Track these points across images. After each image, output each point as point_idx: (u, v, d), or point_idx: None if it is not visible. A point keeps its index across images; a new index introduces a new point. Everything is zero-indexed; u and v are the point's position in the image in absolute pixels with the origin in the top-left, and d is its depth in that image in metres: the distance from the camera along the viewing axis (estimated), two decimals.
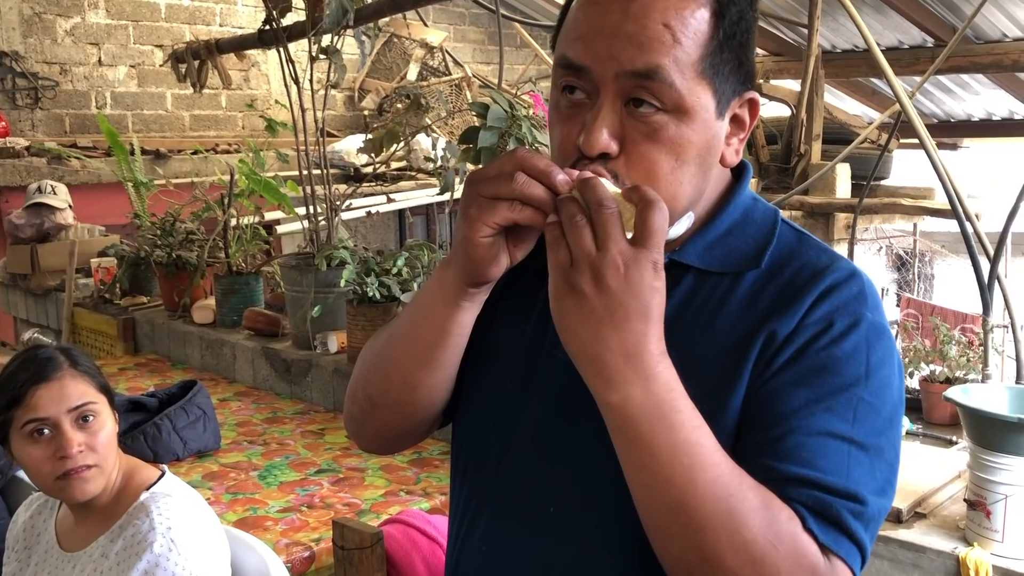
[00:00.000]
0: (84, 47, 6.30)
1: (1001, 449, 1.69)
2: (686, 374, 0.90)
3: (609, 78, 0.89)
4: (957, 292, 7.50)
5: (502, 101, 2.46)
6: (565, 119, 0.94)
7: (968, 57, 6.22)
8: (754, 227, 1.00)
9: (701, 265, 0.98)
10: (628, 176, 0.90)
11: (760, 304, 0.94)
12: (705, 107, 0.92)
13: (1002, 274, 2.62)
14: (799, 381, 0.89)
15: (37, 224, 4.56)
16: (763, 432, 0.88)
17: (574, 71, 0.92)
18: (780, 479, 0.85)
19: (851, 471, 0.86)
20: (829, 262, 0.96)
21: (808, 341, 0.90)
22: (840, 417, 0.88)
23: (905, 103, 2.75)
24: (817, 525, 0.84)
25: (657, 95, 0.89)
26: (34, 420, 1.46)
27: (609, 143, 0.89)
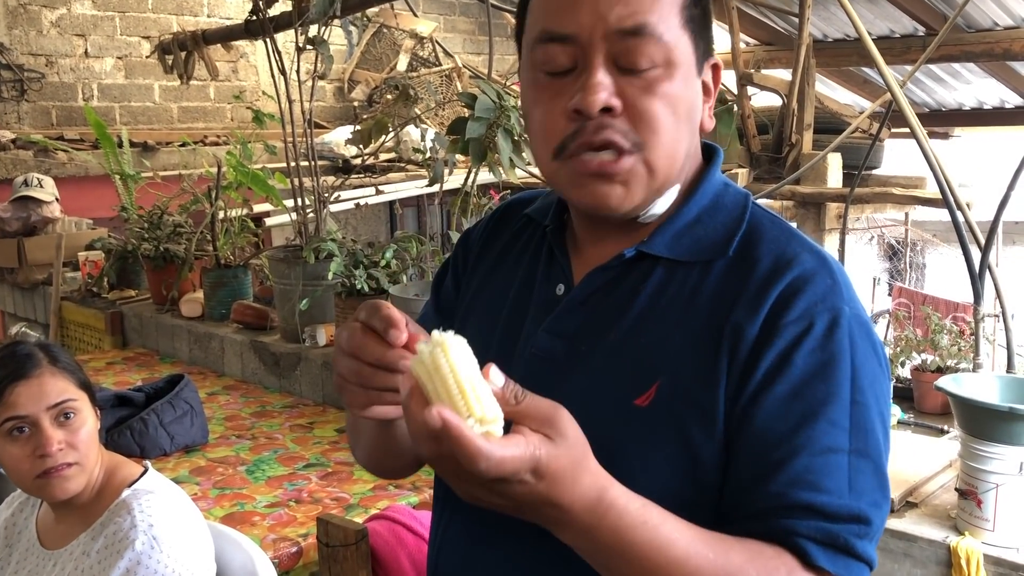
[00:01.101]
0: (70, 38, 6.24)
1: (992, 438, 1.68)
2: (662, 370, 0.90)
3: (598, 39, 0.89)
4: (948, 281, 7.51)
5: (490, 92, 2.43)
6: (549, 94, 0.93)
7: (959, 46, 6.21)
8: (723, 213, 0.98)
9: (670, 255, 0.96)
10: (634, 134, 0.90)
11: (728, 293, 0.92)
12: (689, 61, 0.93)
13: (993, 263, 2.61)
14: (791, 394, 0.87)
15: (24, 217, 4.52)
16: (765, 455, 0.86)
17: (559, 41, 0.91)
18: (787, 507, 0.84)
19: (854, 483, 0.86)
20: (797, 250, 0.93)
21: (791, 345, 0.88)
22: (839, 427, 0.86)
23: (896, 92, 2.74)
24: (826, 556, 0.84)
25: (648, 51, 0.89)
26: (13, 418, 1.44)
27: (611, 97, 0.89)
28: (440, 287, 1.19)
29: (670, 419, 0.89)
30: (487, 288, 1.10)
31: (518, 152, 2.43)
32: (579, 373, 0.95)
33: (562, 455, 0.76)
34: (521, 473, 0.74)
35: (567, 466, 0.76)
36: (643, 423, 0.90)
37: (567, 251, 1.04)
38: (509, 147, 2.39)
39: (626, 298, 0.96)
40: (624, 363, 0.93)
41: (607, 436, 0.91)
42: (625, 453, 0.90)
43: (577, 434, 0.78)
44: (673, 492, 0.88)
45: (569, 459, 0.76)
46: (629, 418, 0.91)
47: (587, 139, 0.90)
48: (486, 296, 1.10)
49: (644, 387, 0.91)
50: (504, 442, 0.73)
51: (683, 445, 0.89)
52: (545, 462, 0.75)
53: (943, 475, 1.97)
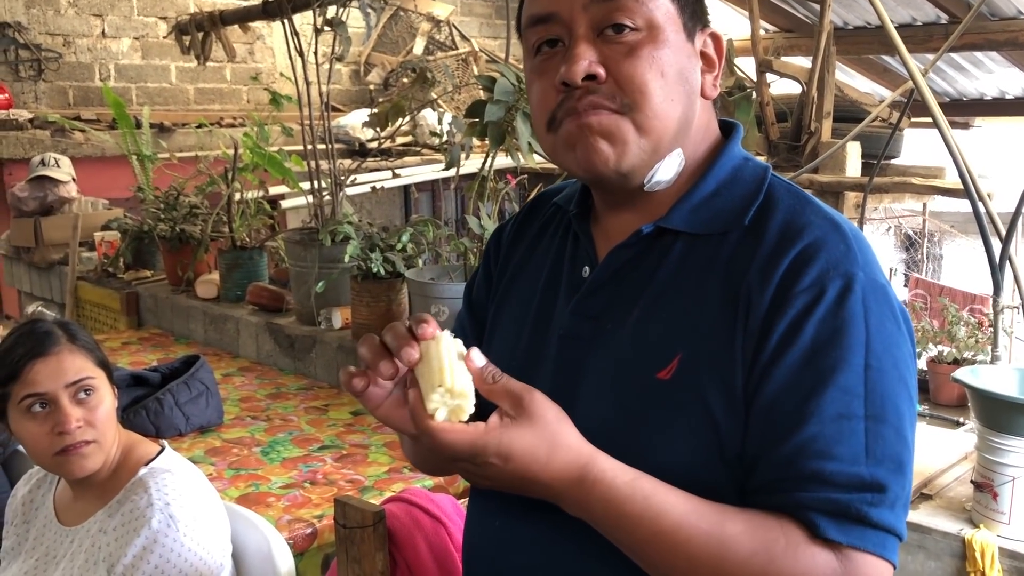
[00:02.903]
0: (87, 18, 6.25)
1: (1009, 431, 1.67)
2: (682, 343, 0.91)
3: (577, 11, 0.92)
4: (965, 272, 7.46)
5: (509, 75, 2.42)
6: (541, 72, 0.96)
7: (983, 34, 6.15)
8: (742, 185, 0.98)
9: (688, 229, 0.96)
10: (620, 96, 0.92)
11: (740, 263, 0.92)
12: (673, 24, 0.94)
13: (1014, 255, 2.58)
14: (802, 362, 0.86)
15: (40, 197, 4.54)
16: (775, 425, 0.86)
17: (543, 22, 0.94)
18: (795, 479, 0.84)
19: (871, 449, 0.84)
20: (811, 218, 0.93)
21: (802, 312, 0.87)
22: (852, 394, 0.85)
23: (919, 81, 2.71)
24: (836, 528, 0.83)
25: (628, 14, 0.91)
26: (32, 395, 1.45)
27: (592, 65, 0.91)
28: (472, 288, 1.21)
29: (692, 392, 0.89)
30: (519, 277, 1.12)
31: (537, 136, 2.42)
32: (604, 350, 0.96)
33: (527, 435, 0.81)
34: (482, 457, 0.81)
35: (536, 445, 0.81)
36: (666, 396, 0.90)
37: (591, 234, 1.05)
38: (528, 131, 2.38)
39: (647, 274, 0.97)
40: (646, 338, 0.94)
41: (632, 411, 0.92)
42: (649, 427, 0.91)
43: (549, 413, 0.83)
44: (698, 466, 0.89)
45: (537, 438, 0.81)
46: (652, 392, 0.91)
47: (572, 104, 0.93)
48: (519, 285, 1.11)
49: (665, 361, 0.91)
50: (458, 426, 0.81)
51: (706, 417, 0.89)
52: (507, 444, 0.81)
53: (958, 467, 1.96)
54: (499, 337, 1.11)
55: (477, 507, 1.08)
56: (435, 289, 2.62)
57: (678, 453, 0.89)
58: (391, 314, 2.85)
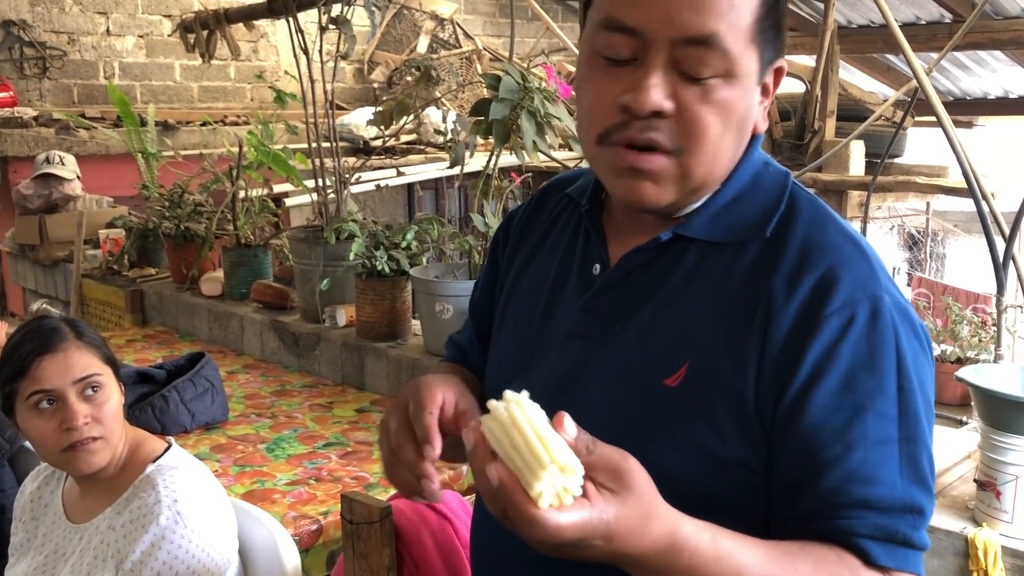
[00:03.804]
0: (92, 16, 6.27)
1: (1012, 430, 1.67)
2: (693, 350, 0.90)
3: (662, 40, 0.87)
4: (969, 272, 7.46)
5: (514, 73, 2.42)
6: (603, 76, 0.91)
7: (987, 33, 6.14)
8: (763, 193, 0.97)
9: (706, 237, 0.95)
10: (679, 138, 0.89)
11: (760, 275, 0.91)
12: (751, 73, 0.91)
13: (1017, 254, 2.58)
14: (841, 388, 0.86)
15: (45, 195, 4.55)
16: (819, 451, 0.86)
17: (623, 32, 0.88)
18: (844, 505, 0.85)
19: (904, 471, 0.87)
20: (833, 236, 0.92)
21: (836, 337, 0.87)
22: (888, 417, 0.87)
23: (923, 80, 2.71)
24: (887, 554, 0.85)
25: (710, 61, 0.87)
26: (39, 392, 1.45)
27: (663, 101, 0.87)
28: (475, 293, 1.21)
29: (699, 400, 0.89)
30: (529, 269, 1.11)
31: (542, 135, 2.42)
32: (611, 351, 0.96)
33: (631, 513, 0.76)
34: (588, 540, 0.74)
35: (636, 522, 0.76)
36: (673, 403, 0.90)
37: (603, 231, 1.04)
38: (533, 129, 2.38)
39: (660, 278, 0.96)
40: (654, 343, 0.94)
41: (636, 415, 0.92)
42: (653, 433, 0.91)
43: (645, 483, 0.78)
44: (697, 472, 0.89)
45: (638, 515, 0.76)
46: (658, 398, 0.91)
47: (630, 135, 0.89)
48: (528, 277, 1.10)
49: (674, 367, 0.91)
50: (566, 510, 0.73)
51: (711, 427, 0.89)
52: (614, 525, 0.75)
53: (962, 466, 1.96)
54: (507, 328, 1.10)
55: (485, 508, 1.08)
56: (439, 287, 2.62)
57: (679, 460, 0.89)
58: (395, 312, 2.86)
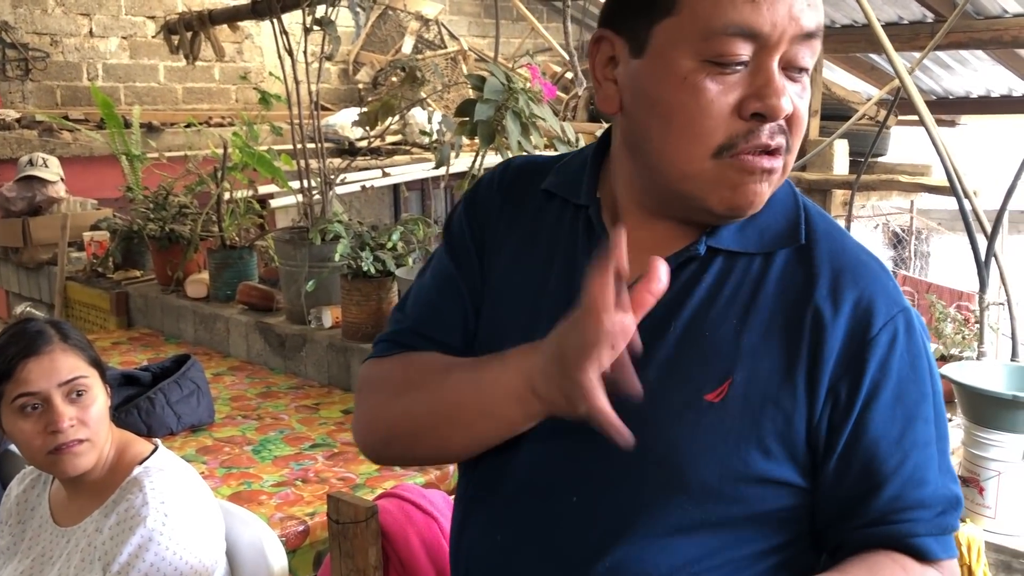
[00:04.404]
0: (75, 18, 6.23)
1: (995, 426, 1.69)
2: (736, 364, 0.90)
3: (785, 40, 0.86)
4: (953, 269, 7.51)
5: (499, 74, 2.43)
6: (712, 86, 0.87)
7: (968, 33, 6.19)
8: (778, 201, 0.97)
9: (737, 248, 0.94)
10: (787, 135, 0.90)
11: (796, 286, 0.92)
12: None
13: (999, 252, 2.61)
14: (894, 400, 0.90)
15: (28, 197, 4.52)
16: (882, 463, 0.90)
17: (746, 37, 0.85)
18: (903, 508, 0.89)
19: (942, 466, 0.92)
20: (853, 248, 0.96)
21: (886, 353, 0.90)
22: (929, 421, 0.92)
23: (905, 79, 2.73)
24: (940, 545, 0.90)
25: (814, 54, 0.89)
26: (25, 394, 1.45)
27: (789, 104, 0.88)
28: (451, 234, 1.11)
29: (745, 415, 0.89)
30: (517, 271, 1.04)
31: (527, 135, 2.43)
32: (639, 364, 0.90)
33: None
34: None
35: None
36: (716, 419, 0.89)
37: (608, 233, 0.98)
38: (518, 130, 2.39)
39: (686, 289, 0.94)
40: (691, 357, 0.91)
41: (671, 429, 0.90)
42: (694, 449, 0.89)
43: None
44: (741, 489, 0.90)
45: None
46: (700, 413, 0.89)
47: (763, 142, 0.87)
48: (518, 279, 1.04)
49: (716, 382, 0.89)
50: None
51: (757, 442, 0.89)
52: None
53: None
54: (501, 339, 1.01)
55: (478, 520, 1.03)
56: None
57: (722, 476, 0.89)
58: (381, 313, 2.86)
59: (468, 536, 1.04)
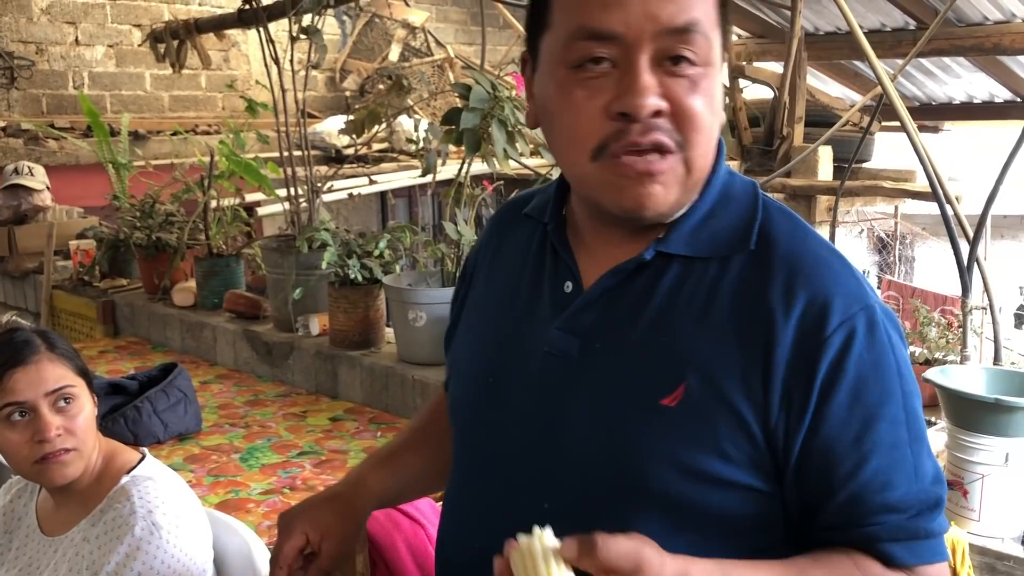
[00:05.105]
0: (61, 26, 6.21)
1: (978, 429, 1.70)
2: (689, 368, 0.89)
3: (646, 38, 0.86)
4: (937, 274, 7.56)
5: (485, 82, 2.44)
6: (583, 92, 0.88)
7: (950, 40, 6.23)
8: (736, 204, 0.97)
9: (689, 253, 0.94)
10: (677, 133, 0.88)
11: (751, 290, 0.91)
12: (720, 58, 0.92)
13: (981, 257, 2.63)
14: (850, 401, 0.87)
15: (14, 206, 4.51)
16: (837, 465, 0.88)
17: (599, 39, 0.87)
18: (865, 513, 0.87)
19: (918, 469, 0.89)
20: (815, 248, 0.93)
21: (840, 352, 0.87)
22: (898, 423, 0.89)
23: (887, 86, 2.75)
24: (908, 552, 0.87)
25: (694, 48, 0.87)
26: (11, 404, 1.44)
27: (658, 101, 0.87)
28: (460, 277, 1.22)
29: (700, 419, 0.88)
30: (489, 289, 1.10)
31: (512, 143, 2.44)
32: (595, 371, 0.94)
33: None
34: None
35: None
36: (671, 423, 0.89)
37: (570, 247, 1.01)
38: (503, 138, 2.40)
39: (642, 296, 0.94)
40: (646, 362, 0.92)
41: (628, 435, 0.91)
42: (651, 454, 0.90)
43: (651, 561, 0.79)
44: (702, 493, 0.89)
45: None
46: (654, 418, 0.89)
47: (633, 140, 0.87)
48: (489, 296, 1.09)
49: (670, 387, 0.89)
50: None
51: (713, 446, 0.88)
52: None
53: None
54: (467, 353, 1.09)
55: (457, 528, 1.06)
56: (412, 295, 2.63)
57: (681, 481, 0.89)
58: (368, 320, 2.86)
59: (448, 545, 1.07)
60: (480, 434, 1.04)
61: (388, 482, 1.19)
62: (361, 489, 1.17)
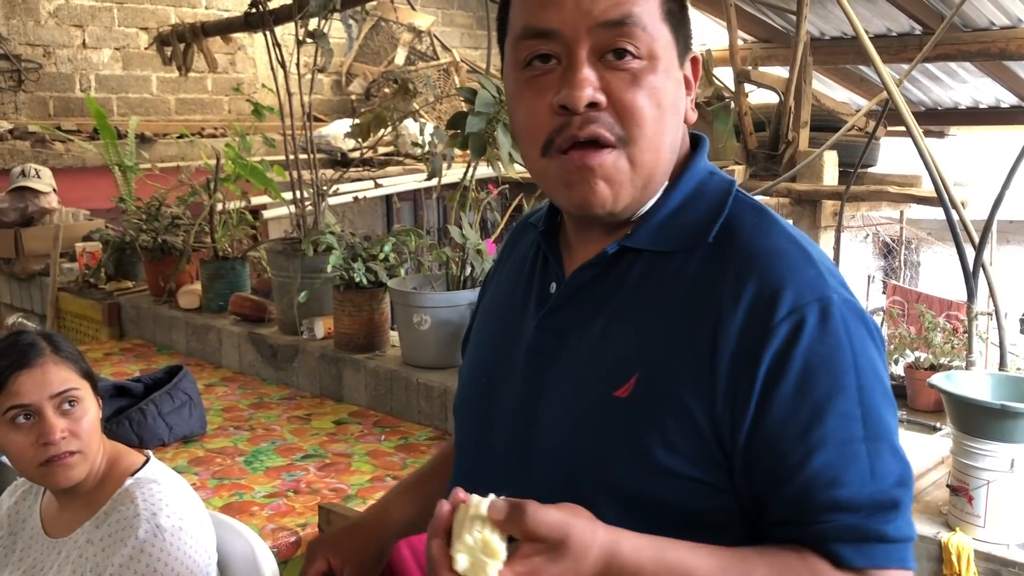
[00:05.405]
0: (68, 29, 6.23)
1: (984, 435, 1.70)
2: (641, 360, 0.91)
3: (582, 33, 0.89)
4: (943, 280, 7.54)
5: (490, 87, 2.44)
6: (533, 91, 0.93)
7: (956, 45, 6.24)
8: (706, 200, 0.98)
9: (652, 247, 0.96)
10: (618, 127, 0.90)
11: (707, 283, 0.91)
12: (670, 53, 0.93)
13: (987, 262, 2.63)
14: (796, 393, 0.85)
15: (21, 208, 4.52)
16: (782, 459, 0.86)
17: (541, 37, 0.91)
18: (813, 510, 0.85)
19: (875, 469, 0.85)
20: (776, 240, 0.92)
21: (786, 343, 0.86)
22: (850, 418, 0.86)
23: (892, 91, 2.75)
24: (858, 553, 0.84)
25: (633, 41, 0.89)
26: (16, 407, 1.45)
27: (595, 93, 0.89)
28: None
29: (649, 411, 0.89)
30: (495, 295, 1.16)
31: (518, 147, 2.44)
32: (564, 366, 0.97)
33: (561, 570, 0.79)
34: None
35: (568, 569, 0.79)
36: (623, 415, 0.90)
37: (559, 250, 1.05)
38: (509, 142, 2.40)
39: (609, 292, 0.97)
40: (606, 355, 0.94)
41: (588, 428, 0.92)
42: (607, 446, 0.91)
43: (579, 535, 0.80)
44: (655, 485, 0.89)
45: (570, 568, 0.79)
46: (609, 410, 0.91)
47: (572, 133, 0.90)
48: (493, 302, 1.15)
49: (623, 378, 0.91)
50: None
51: (661, 438, 0.88)
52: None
53: (935, 472, 1.99)
54: (473, 355, 1.15)
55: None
56: (417, 298, 2.63)
57: (634, 473, 0.89)
58: (373, 324, 2.86)
59: None
60: (473, 433, 1.08)
61: (410, 509, 1.25)
62: (384, 518, 1.24)
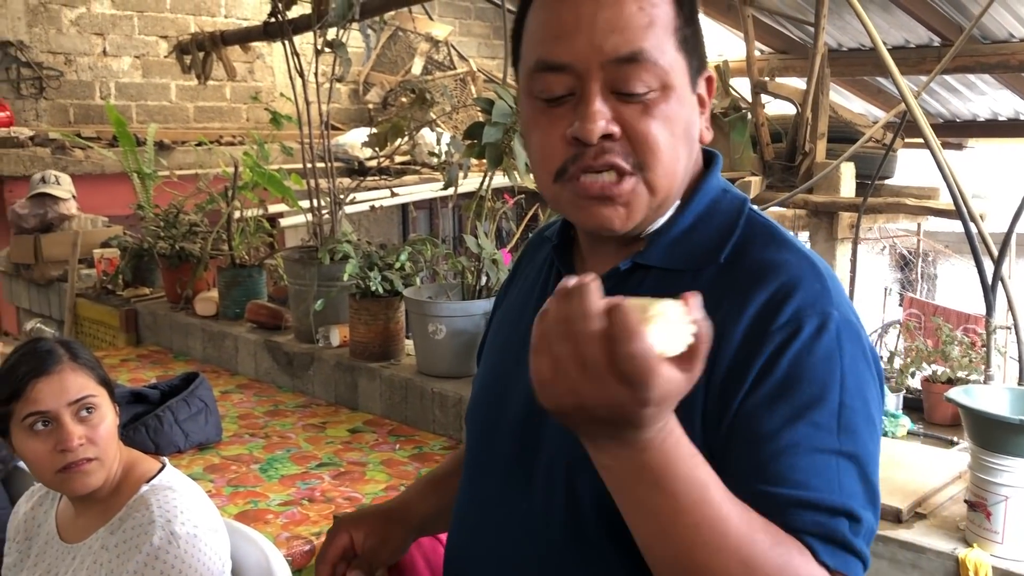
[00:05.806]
0: (89, 37, 6.30)
1: (1002, 450, 1.68)
2: None
3: (595, 68, 0.90)
4: (960, 292, 7.49)
5: (507, 97, 2.45)
6: (547, 120, 0.94)
7: (974, 57, 6.21)
8: (719, 218, 0.99)
9: (664, 265, 0.97)
10: (633, 156, 0.91)
11: (713, 298, 0.89)
12: (683, 81, 0.94)
13: (1006, 275, 2.61)
14: (777, 395, 0.86)
15: (41, 214, 4.56)
16: (752, 456, 0.86)
17: (554, 71, 0.92)
18: (781, 505, 0.83)
19: (843, 485, 0.85)
20: (785, 255, 0.93)
21: (778, 348, 0.87)
22: (825, 429, 0.85)
23: (911, 102, 2.74)
24: (826, 551, 0.83)
25: (644, 76, 0.90)
26: (34, 413, 1.46)
27: (609, 125, 0.90)
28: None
29: None
30: (507, 307, 1.18)
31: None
32: None
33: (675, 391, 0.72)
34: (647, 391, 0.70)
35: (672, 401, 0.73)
36: None
37: (573, 265, 1.07)
38: (525, 153, 2.41)
39: None
40: None
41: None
42: None
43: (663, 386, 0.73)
44: None
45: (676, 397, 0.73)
46: None
47: (586, 163, 0.92)
48: (505, 314, 1.17)
49: None
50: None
51: None
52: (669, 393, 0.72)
53: (952, 486, 1.97)
54: (485, 366, 1.16)
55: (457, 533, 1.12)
56: (433, 307, 2.64)
57: None
58: (389, 332, 2.87)
59: (451, 551, 1.12)
60: (482, 443, 1.09)
61: (430, 502, 1.26)
62: (405, 508, 1.26)
